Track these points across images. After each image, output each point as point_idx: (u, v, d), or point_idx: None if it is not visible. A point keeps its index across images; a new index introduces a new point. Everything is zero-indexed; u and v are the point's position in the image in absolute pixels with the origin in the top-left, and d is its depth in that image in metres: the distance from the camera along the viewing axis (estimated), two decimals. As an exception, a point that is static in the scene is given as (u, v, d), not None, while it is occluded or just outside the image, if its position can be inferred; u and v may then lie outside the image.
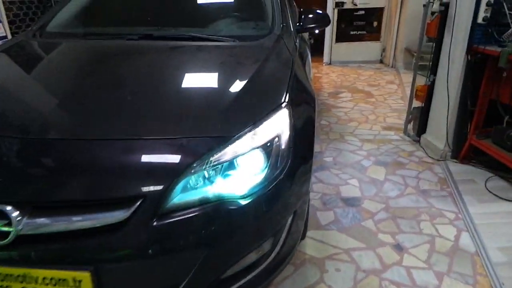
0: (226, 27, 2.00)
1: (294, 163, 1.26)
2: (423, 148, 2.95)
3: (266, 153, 1.19)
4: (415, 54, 5.37)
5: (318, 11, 2.27)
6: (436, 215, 2.08)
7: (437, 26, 2.71)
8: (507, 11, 2.20)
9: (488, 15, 2.28)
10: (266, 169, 1.17)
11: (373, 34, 6.21)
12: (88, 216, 0.96)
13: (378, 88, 4.78)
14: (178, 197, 1.01)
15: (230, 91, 1.31)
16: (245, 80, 1.38)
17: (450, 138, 2.72)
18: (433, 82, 2.85)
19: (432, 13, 2.82)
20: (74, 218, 0.96)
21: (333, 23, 6.02)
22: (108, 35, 1.86)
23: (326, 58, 6.27)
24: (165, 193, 0.99)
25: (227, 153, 1.11)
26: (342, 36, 6.19)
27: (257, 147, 1.17)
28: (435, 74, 2.82)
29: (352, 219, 2.07)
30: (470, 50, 2.44)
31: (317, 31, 2.60)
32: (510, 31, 2.25)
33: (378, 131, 3.38)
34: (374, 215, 2.10)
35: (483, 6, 2.28)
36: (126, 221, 0.96)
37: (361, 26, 6.17)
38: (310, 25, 2.23)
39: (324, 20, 2.23)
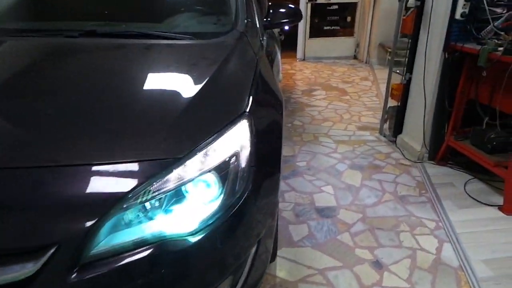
0: (182, 23, 1.77)
1: (257, 184, 1.07)
2: (400, 149, 2.82)
3: (221, 177, 0.98)
4: (389, 50, 5.30)
5: (289, 5, 2.08)
6: (416, 225, 1.94)
7: (413, 22, 2.57)
8: (486, 7, 2.07)
9: (467, 10, 2.16)
10: (222, 195, 0.97)
11: (347, 29, 6.10)
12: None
13: (353, 85, 4.66)
14: (106, 240, 0.80)
15: (179, 101, 1.10)
16: (198, 86, 1.17)
17: (427, 139, 2.61)
18: (409, 81, 2.73)
19: (408, 9, 2.69)
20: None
21: (306, 18, 5.86)
22: (42, 31, 1.58)
23: (299, 54, 6.11)
24: (87, 237, 0.77)
25: (171, 179, 0.89)
26: (315, 32, 6.04)
27: (210, 170, 0.96)
28: (411, 73, 2.69)
29: (328, 232, 1.90)
30: (447, 47, 2.32)
31: (287, 27, 2.41)
32: (489, 27, 2.13)
33: (353, 131, 3.24)
34: (350, 227, 1.94)
35: (461, 2, 2.15)
36: (34, 276, 0.74)
37: (334, 21, 6.04)
38: (280, 20, 2.03)
39: (295, 16, 2.04)
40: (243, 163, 1.05)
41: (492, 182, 2.27)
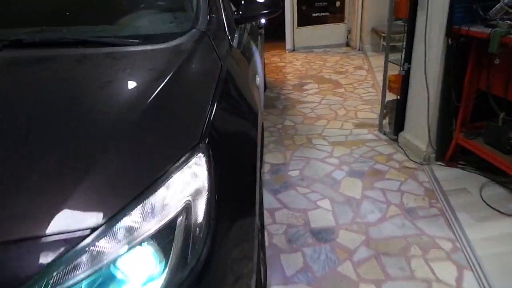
0: (132, 23, 1.47)
1: (220, 242, 0.78)
2: (403, 149, 2.53)
3: (163, 246, 0.70)
4: (383, 35, 4.97)
5: None
6: (429, 246, 1.66)
7: (408, 4, 2.26)
8: (495, -19, 1.76)
9: (472, -13, 1.85)
10: (165, 272, 0.68)
11: (337, 15, 5.75)
12: None
13: (346, 75, 4.34)
14: None
15: (103, 139, 0.80)
16: (134, 115, 0.87)
17: (433, 137, 2.31)
18: (408, 71, 2.42)
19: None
20: None
21: (293, 6, 5.51)
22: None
23: (288, 44, 5.78)
24: None
25: (82, 263, 0.61)
26: (304, 20, 5.70)
27: (144, 240, 0.68)
28: (409, 62, 2.39)
29: (326, 262, 1.62)
30: (450, 32, 2.01)
31: (264, 21, 2.10)
32: (498, 6, 1.82)
33: (349, 129, 2.94)
34: (352, 254, 1.66)
35: (465, -23, 1.84)
36: None
37: (323, 7, 5.70)
38: (254, 13, 1.73)
39: (272, 6, 1.73)
40: (198, 217, 0.76)
41: (511, 185, 1.98)
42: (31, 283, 0.59)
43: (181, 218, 0.74)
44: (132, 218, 0.69)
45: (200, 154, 0.84)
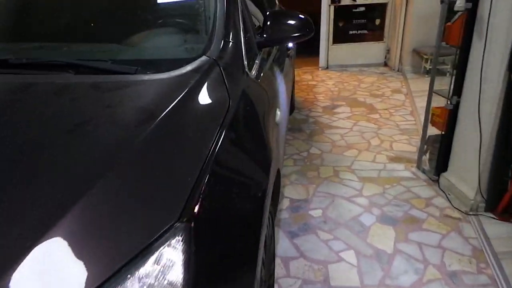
0: (136, 43, 1.28)
1: None
2: (445, 193, 2.19)
3: None
4: (425, 56, 4.61)
5: (295, 14, 1.54)
6: (477, 331, 1.34)
7: (462, 30, 1.95)
8: None
9: (547, 14, 1.53)
10: None
11: (376, 33, 5.43)
12: None
13: (382, 99, 4.02)
14: None
15: (48, 215, 0.60)
16: (100, 174, 0.66)
17: (483, 184, 1.97)
18: (456, 105, 2.10)
19: (453, 12, 2.07)
20: None
21: (329, 22, 5.26)
22: None
23: (322, 62, 5.51)
24: None
25: None
26: (340, 37, 5.43)
27: None
28: (459, 95, 2.07)
29: (346, 338, 1.34)
30: (513, 64, 1.69)
31: (291, 45, 1.87)
32: None
33: (383, 163, 2.63)
34: (379, 330, 1.36)
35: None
36: None
37: (361, 24, 5.40)
38: (282, 36, 1.50)
39: (304, 29, 1.50)
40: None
41: None
42: None
43: None
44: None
45: (177, 238, 0.62)
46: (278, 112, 1.40)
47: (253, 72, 1.30)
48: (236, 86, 1.11)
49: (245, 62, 1.25)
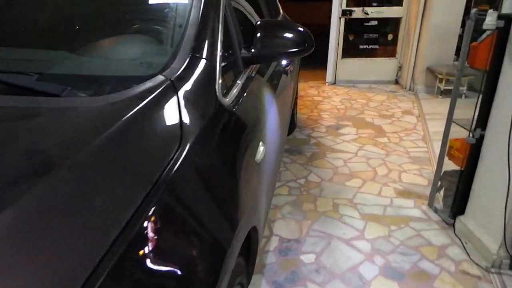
0: (93, 53, 1.02)
1: None
2: (461, 241, 1.87)
3: None
4: (440, 76, 4.30)
5: (292, 26, 1.26)
6: None
7: (491, 51, 1.65)
8: None
9: None
10: None
11: (388, 49, 5.14)
12: None
13: (392, 121, 3.70)
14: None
15: None
16: None
17: (509, 236, 1.64)
18: (480, 139, 1.79)
19: (481, 31, 1.76)
20: None
21: (338, 35, 4.98)
22: None
23: (329, 76, 5.22)
24: None
25: None
26: (349, 51, 5.14)
27: None
28: (484, 128, 1.75)
29: None
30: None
31: (285, 62, 1.58)
32: None
33: (390, 198, 2.31)
34: None
35: None
36: None
37: (373, 39, 5.11)
38: (275, 52, 1.22)
39: (302, 43, 1.22)
40: None
41: None
42: None
43: None
44: None
45: None
46: (261, 148, 1.11)
47: (230, 98, 1.01)
48: (197, 119, 0.81)
49: (218, 85, 0.96)
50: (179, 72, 0.86)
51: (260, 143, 1.11)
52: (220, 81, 0.97)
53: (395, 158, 2.86)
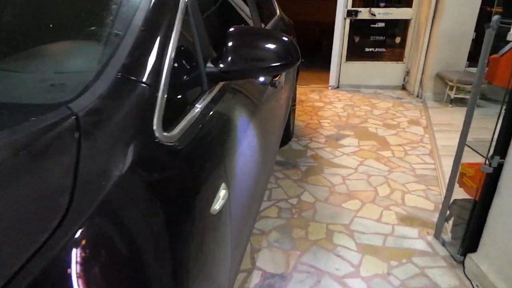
0: (28, 68, 0.78)
1: None
2: (472, 284, 1.61)
3: None
4: (450, 83, 4.01)
5: (273, 34, 1.02)
6: None
7: (514, 66, 1.39)
8: None
9: None
10: None
11: (395, 52, 4.86)
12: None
13: (397, 131, 3.43)
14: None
15: None
16: None
17: (530, 286, 1.39)
18: (498, 168, 1.53)
19: (503, 41, 1.50)
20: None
21: (343, 37, 4.71)
22: None
23: (332, 80, 4.95)
24: None
25: None
26: (354, 54, 4.87)
27: None
28: (503, 156, 1.49)
29: None
30: None
31: (263, 79, 1.33)
32: None
33: (391, 225, 2.06)
34: None
35: None
36: None
37: (379, 42, 4.83)
38: (250, 66, 0.98)
39: (285, 55, 0.98)
40: None
41: None
42: None
43: None
44: None
45: None
46: (221, 193, 0.86)
47: (176, 131, 0.77)
48: (107, 175, 0.57)
49: (157, 117, 0.72)
50: (92, 104, 0.62)
51: (222, 187, 0.87)
52: (163, 111, 0.73)
53: (399, 175, 2.60)
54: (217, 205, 0.83)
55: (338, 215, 2.14)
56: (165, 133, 0.72)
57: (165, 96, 0.74)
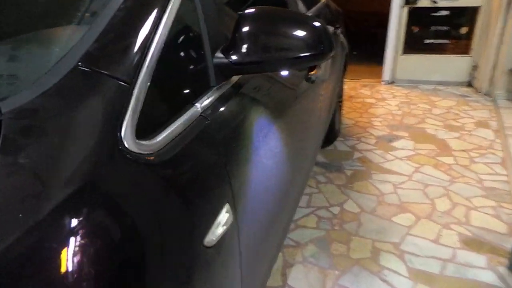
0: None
1: None
2: (560, 336, 1.27)
3: None
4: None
5: (300, 18, 0.79)
6: None
7: None
8: None
9: None
10: None
11: (460, 44, 4.32)
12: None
13: (461, 134, 3.00)
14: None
15: None
16: None
17: None
18: None
19: None
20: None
21: (400, 26, 4.28)
22: None
23: (386, 74, 4.53)
24: None
25: None
26: (412, 45, 4.41)
27: None
28: None
29: None
30: None
31: (285, 72, 1.09)
32: None
33: (452, 248, 1.73)
34: None
35: None
36: None
37: (442, 32, 4.32)
38: (269, 57, 0.76)
39: (314, 45, 0.75)
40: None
41: None
42: None
43: None
44: None
45: None
46: (223, 217, 0.65)
47: (159, 139, 0.57)
48: (21, 207, 0.38)
49: (128, 120, 0.52)
50: (30, 102, 0.44)
51: (225, 209, 0.66)
52: (138, 113, 0.53)
53: (463, 187, 2.23)
54: (214, 235, 0.62)
55: (386, 230, 1.85)
56: (141, 141, 0.53)
57: (145, 93, 0.55)
